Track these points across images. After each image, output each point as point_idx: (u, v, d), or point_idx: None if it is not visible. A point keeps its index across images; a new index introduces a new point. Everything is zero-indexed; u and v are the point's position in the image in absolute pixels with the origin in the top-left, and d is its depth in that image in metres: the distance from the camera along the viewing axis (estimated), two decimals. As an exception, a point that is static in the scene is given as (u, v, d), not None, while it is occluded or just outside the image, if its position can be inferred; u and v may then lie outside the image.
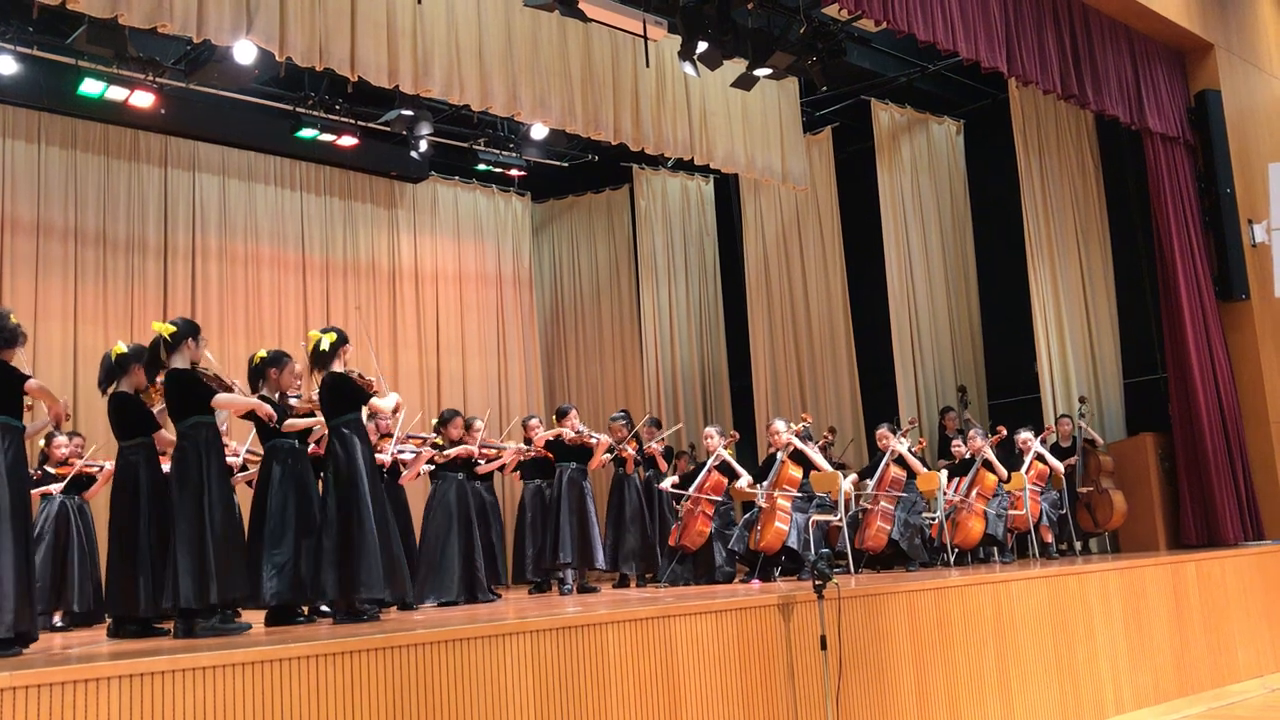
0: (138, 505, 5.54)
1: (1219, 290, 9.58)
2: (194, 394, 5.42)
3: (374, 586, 5.61)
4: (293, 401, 6.29)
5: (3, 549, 4.44)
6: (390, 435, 7.88)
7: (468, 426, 8.41)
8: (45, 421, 5.74)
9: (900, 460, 8.86)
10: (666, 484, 9.09)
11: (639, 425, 9.70)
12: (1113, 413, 10.42)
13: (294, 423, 6.08)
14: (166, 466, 6.17)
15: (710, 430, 9.00)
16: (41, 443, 8.00)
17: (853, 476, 9.12)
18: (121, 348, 5.77)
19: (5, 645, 4.41)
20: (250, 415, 6.01)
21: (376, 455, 7.23)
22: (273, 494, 5.91)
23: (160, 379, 5.67)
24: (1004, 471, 9.07)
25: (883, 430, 9.14)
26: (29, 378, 4.80)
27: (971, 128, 12.13)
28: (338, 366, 6.00)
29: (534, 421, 9.31)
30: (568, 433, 8.80)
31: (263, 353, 6.32)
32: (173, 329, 5.47)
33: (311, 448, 6.35)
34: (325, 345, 6.00)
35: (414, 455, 7.90)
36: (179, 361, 5.45)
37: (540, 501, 9.08)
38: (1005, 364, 11.50)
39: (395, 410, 6.65)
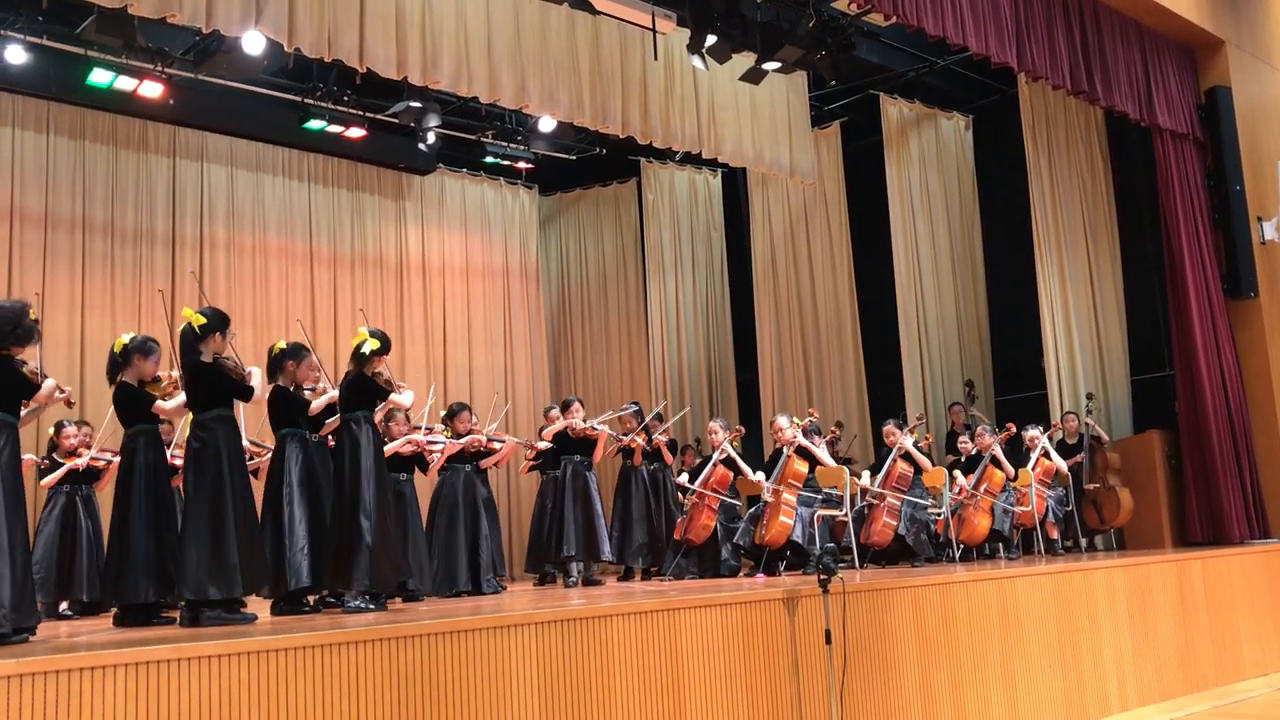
0: (130, 494, 5.57)
1: (1227, 288, 9.54)
2: (217, 388, 5.44)
3: (359, 580, 5.62)
4: (307, 394, 6.34)
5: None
6: (418, 427, 7.91)
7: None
8: (38, 407, 5.73)
9: (907, 456, 8.85)
10: (683, 478, 9.07)
11: (648, 418, 9.70)
12: (1120, 409, 10.40)
13: (317, 404, 6.18)
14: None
15: (715, 424, 8.99)
16: (51, 431, 8.03)
17: (867, 473, 9.11)
18: (124, 340, 5.80)
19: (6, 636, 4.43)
20: (272, 403, 6.08)
21: (392, 446, 7.31)
22: (287, 485, 5.95)
23: (174, 371, 5.71)
24: (1011, 469, 9.05)
25: (890, 426, 9.13)
26: (38, 387, 4.81)
27: (980, 123, 12.09)
28: (369, 369, 6.06)
29: (554, 413, 9.30)
30: (576, 423, 8.81)
31: (282, 344, 6.39)
32: (202, 320, 5.47)
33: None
34: (365, 350, 6.04)
35: (441, 445, 7.94)
36: (204, 353, 5.46)
37: (554, 491, 9.09)
38: (1012, 360, 11.48)
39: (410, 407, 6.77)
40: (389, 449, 7.24)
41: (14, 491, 4.61)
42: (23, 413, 5.03)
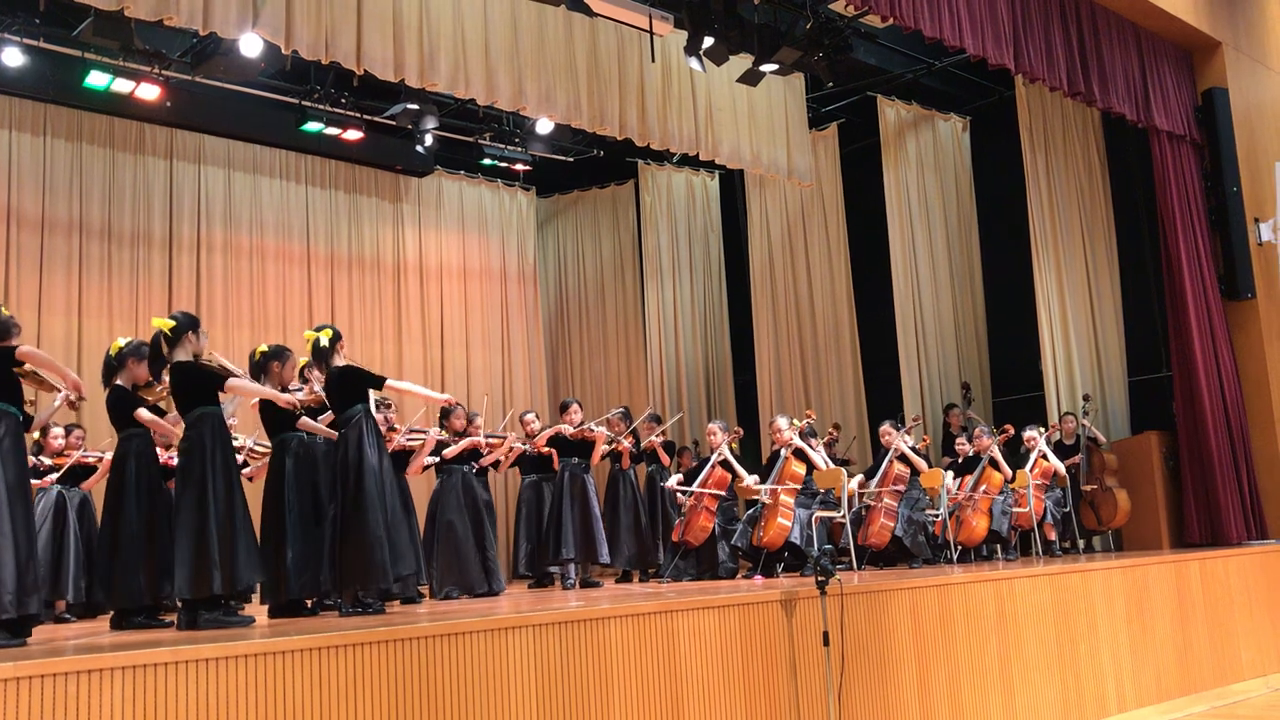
0: (124, 496, 5.55)
1: (1225, 289, 9.55)
2: (199, 386, 5.42)
3: (378, 579, 5.61)
4: (298, 396, 6.29)
5: (1, 532, 4.46)
6: (396, 429, 7.87)
7: (469, 420, 8.43)
8: (56, 404, 5.72)
9: (904, 458, 8.85)
10: (672, 482, 9.07)
11: (638, 420, 9.68)
12: (1117, 411, 10.40)
13: (307, 423, 6.12)
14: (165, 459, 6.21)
15: (714, 426, 8.98)
16: (36, 434, 8.00)
17: (859, 478, 9.11)
18: (120, 343, 5.80)
19: (12, 630, 4.43)
20: (265, 407, 6.05)
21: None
22: (289, 488, 5.92)
23: (165, 374, 5.69)
24: (1009, 470, 9.05)
25: (886, 427, 9.13)
26: (15, 348, 4.78)
27: (978, 125, 12.11)
28: (338, 361, 6.02)
29: (529, 417, 9.30)
30: (566, 429, 8.79)
31: (264, 347, 6.34)
32: (172, 324, 5.46)
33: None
34: (324, 342, 6.02)
35: (420, 441, 7.86)
36: (181, 355, 5.45)
37: (536, 497, 9.07)
38: (1010, 361, 11.49)
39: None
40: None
41: (18, 478, 4.60)
42: (37, 415, 5.01)
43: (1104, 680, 6.83)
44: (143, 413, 5.73)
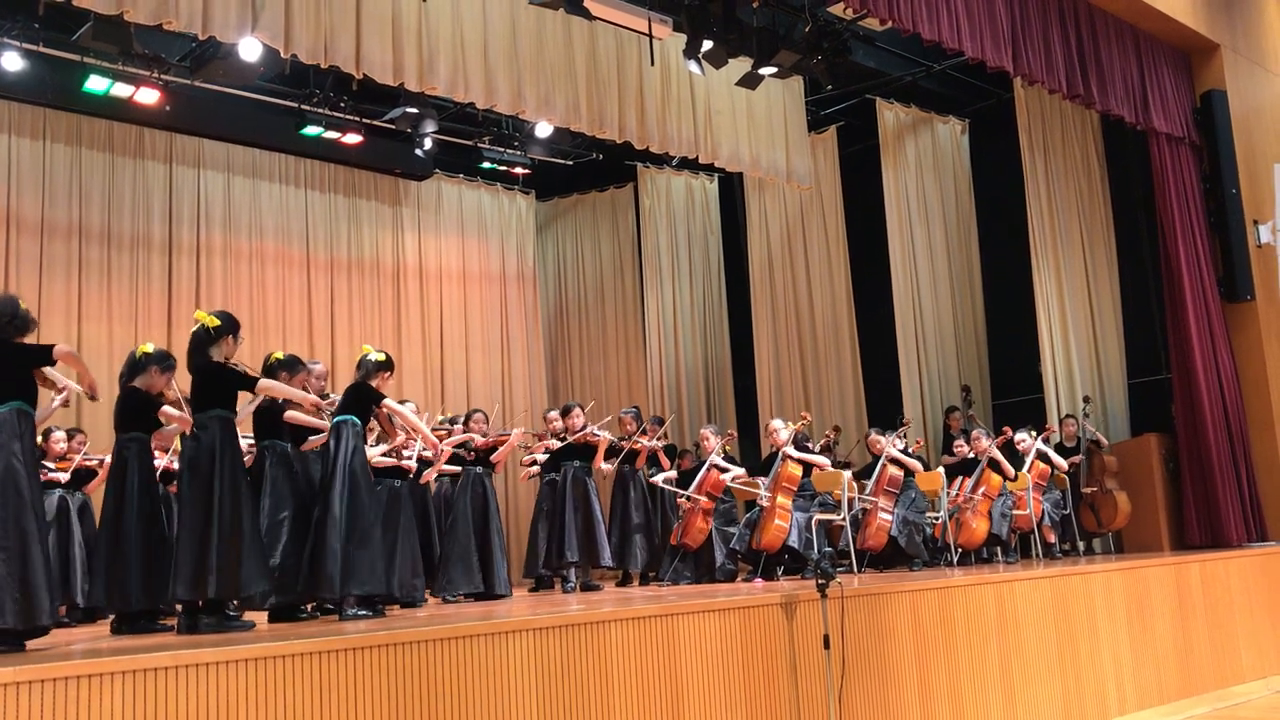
0: (124, 499, 5.55)
1: (1224, 291, 9.56)
2: (223, 389, 5.41)
3: (332, 586, 5.61)
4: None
5: (30, 540, 4.45)
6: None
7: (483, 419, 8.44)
8: (55, 404, 5.73)
9: (895, 460, 8.84)
10: (660, 478, 9.05)
11: (647, 421, 9.68)
12: (1117, 413, 10.41)
13: (296, 415, 6.12)
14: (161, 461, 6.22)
15: (706, 430, 8.97)
16: (39, 439, 7.99)
17: (849, 476, 9.10)
18: (148, 348, 5.83)
19: (30, 634, 4.42)
20: (259, 409, 6.06)
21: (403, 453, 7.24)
22: (266, 494, 5.94)
23: (164, 380, 5.71)
24: (1011, 471, 9.02)
25: (872, 435, 9.13)
26: (52, 346, 4.82)
27: (976, 127, 12.11)
28: (374, 382, 6.10)
29: (552, 415, 9.25)
30: (557, 442, 8.78)
31: (279, 354, 6.34)
32: (217, 322, 5.47)
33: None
34: (371, 359, 6.12)
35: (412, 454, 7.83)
36: (215, 355, 5.44)
37: (554, 496, 9.04)
38: (1009, 364, 11.49)
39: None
40: (372, 457, 7.16)
41: (33, 487, 4.59)
42: (45, 403, 5.02)
43: (1105, 682, 6.83)
44: (168, 410, 5.76)
